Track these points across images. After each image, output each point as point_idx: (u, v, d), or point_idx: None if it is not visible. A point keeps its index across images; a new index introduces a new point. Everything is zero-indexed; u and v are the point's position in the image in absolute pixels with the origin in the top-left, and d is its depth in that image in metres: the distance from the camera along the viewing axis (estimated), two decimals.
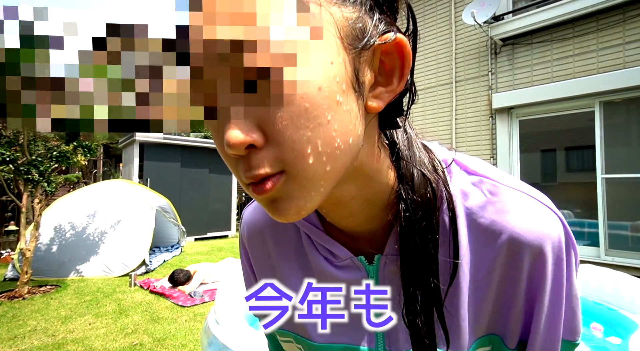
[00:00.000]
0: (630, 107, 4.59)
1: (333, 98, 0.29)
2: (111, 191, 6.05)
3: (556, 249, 0.37)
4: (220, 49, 0.26)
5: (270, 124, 0.28)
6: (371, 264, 0.42)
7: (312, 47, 0.27)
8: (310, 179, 0.30)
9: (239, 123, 0.28)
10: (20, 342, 2.97)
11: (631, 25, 4.54)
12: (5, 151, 4.01)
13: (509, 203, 0.38)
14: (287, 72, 0.27)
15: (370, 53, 0.32)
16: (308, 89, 0.27)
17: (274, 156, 0.29)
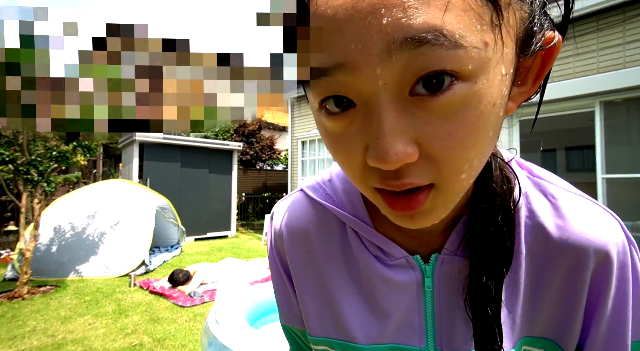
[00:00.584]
0: (631, 107, 4.59)
1: (499, 113, 0.27)
2: (111, 191, 6.05)
3: (621, 254, 0.37)
4: (410, 34, 0.22)
5: (433, 139, 0.25)
6: (427, 264, 0.40)
7: (495, 61, 0.25)
8: (457, 193, 0.29)
9: (399, 135, 0.25)
10: (20, 342, 2.97)
11: (631, 25, 4.54)
12: (4, 151, 4.00)
13: (573, 209, 0.38)
14: (468, 86, 0.24)
15: (528, 57, 0.29)
16: (485, 106, 0.25)
17: (428, 169, 0.27)
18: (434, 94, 0.24)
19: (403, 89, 0.24)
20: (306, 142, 8.98)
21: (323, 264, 0.45)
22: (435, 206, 0.29)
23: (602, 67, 4.74)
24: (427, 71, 0.23)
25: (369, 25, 0.22)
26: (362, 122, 0.26)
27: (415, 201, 0.28)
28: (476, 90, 0.24)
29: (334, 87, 0.26)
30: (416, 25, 0.22)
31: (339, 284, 0.43)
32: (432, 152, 0.26)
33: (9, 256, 5.97)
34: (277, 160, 14.85)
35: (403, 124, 0.25)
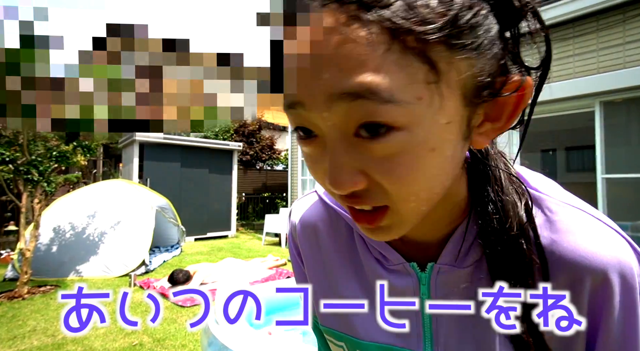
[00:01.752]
0: (630, 107, 4.59)
1: (444, 155, 0.29)
2: (111, 191, 6.05)
3: (627, 277, 0.34)
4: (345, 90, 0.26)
5: (377, 173, 0.29)
6: (423, 272, 0.42)
7: (432, 113, 0.27)
8: (411, 216, 0.32)
9: (346, 167, 0.29)
10: (20, 342, 2.97)
11: (631, 25, 4.54)
12: (5, 151, 4.00)
13: (571, 223, 0.36)
14: (403, 134, 0.27)
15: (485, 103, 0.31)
16: (421, 151, 0.28)
17: (379, 192, 0.30)
18: (373, 138, 0.27)
19: (348, 130, 0.28)
20: None
21: (331, 260, 0.48)
22: (392, 224, 0.32)
23: (602, 67, 4.74)
24: (365, 121, 0.27)
25: (313, 77, 0.27)
26: (322, 151, 0.30)
27: (372, 218, 0.32)
28: (412, 138, 0.27)
29: (299, 119, 0.30)
30: (352, 82, 0.25)
31: (344, 280, 0.47)
32: (379, 182, 0.29)
33: (9, 256, 5.97)
34: (277, 160, 14.85)
35: (350, 159, 0.29)
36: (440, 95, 0.27)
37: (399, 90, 0.25)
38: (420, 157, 0.28)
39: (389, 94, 0.25)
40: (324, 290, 0.48)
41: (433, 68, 0.26)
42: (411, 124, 0.27)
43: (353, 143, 0.28)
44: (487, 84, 0.29)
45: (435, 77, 0.26)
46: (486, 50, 0.28)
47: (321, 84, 0.26)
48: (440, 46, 0.26)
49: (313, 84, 0.27)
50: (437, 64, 0.26)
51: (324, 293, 0.48)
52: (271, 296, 2.27)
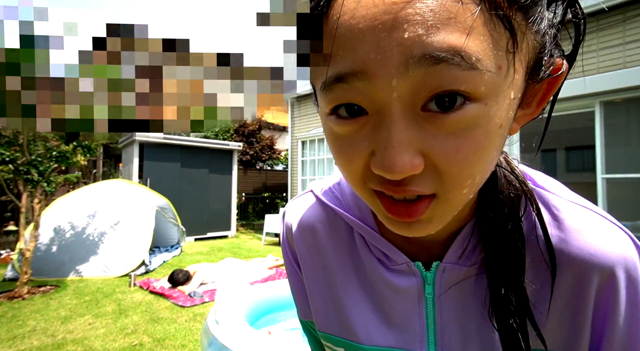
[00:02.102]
0: (630, 107, 4.59)
1: (504, 134, 0.28)
2: (111, 191, 6.05)
3: (631, 271, 0.35)
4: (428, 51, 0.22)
5: (440, 153, 0.26)
6: (428, 271, 0.41)
7: (506, 86, 0.25)
8: (457, 206, 0.30)
9: (407, 146, 0.25)
10: (20, 342, 2.97)
11: (631, 25, 4.54)
12: (5, 151, 4.00)
13: (578, 221, 0.37)
14: (479, 107, 0.25)
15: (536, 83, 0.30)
16: (492, 127, 0.26)
17: (431, 179, 0.27)
18: (445, 112, 0.25)
19: (415, 103, 0.25)
20: (306, 142, 8.98)
21: (330, 263, 0.46)
22: (433, 217, 0.30)
23: (602, 67, 4.74)
24: (442, 90, 0.24)
25: (390, 37, 0.23)
26: (372, 130, 0.27)
27: (415, 209, 0.29)
28: (486, 111, 0.25)
29: (349, 94, 0.26)
30: (436, 43, 0.22)
31: (345, 283, 0.45)
32: (437, 165, 0.26)
33: (9, 256, 5.97)
34: (277, 160, 14.85)
35: (412, 136, 0.25)
36: (514, 67, 0.25)
37: (485, 56, 0.23)
38: (490, 134, 0.26)
39: (476, 59, 0.23)
40: (323, 294, 0.46)
41: (513, 36, 0.24)
42: (488, 96, 0.25)
43: (417, 118, 0.25)
44: (543, 63, 0.28)
45: (514, 47, 0.25)
46: (547, 28, 0.28)
47: (398, 44, 0.23)
48: (520, 14, 0.25)
49: (386, 44, 0.23)
50: (517, 32, 0.25)
51: (323, 297, 0.46)
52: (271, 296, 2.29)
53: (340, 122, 0.28)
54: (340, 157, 0.30)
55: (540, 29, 0.27)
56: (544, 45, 0.28)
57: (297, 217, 0.49)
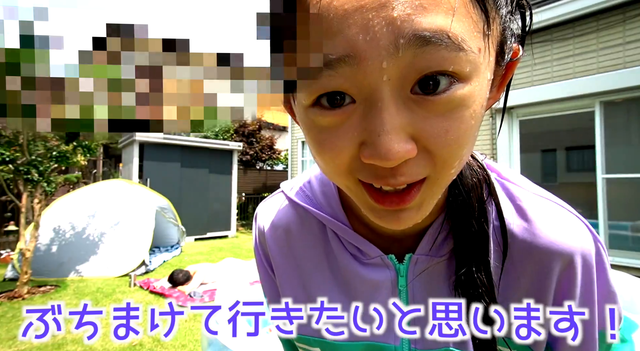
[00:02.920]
0: (630, 107, 4.59)
1: (482, 114, 0.28)
2: (111, 191, 6.05)
3: (587, 257, 0.38)
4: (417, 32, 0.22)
5: (430, 136, 0.26)
6: (401, 263, 0.42)
7: (484, 67, 0.26)
8: (443, 187, 0.30)
9: (400, 132, 0.25)
10: (20, 342, 2.97)
11: (631, 25, 4.54)
12: (5, 151, 4.00)
13: (540, 212, 0.39)
14: (465, 87, 0.25)
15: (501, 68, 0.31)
16: (477, 106, 0.26)
17: (423, 163, 0.27)
18: (434, 94, 0.25)
19: (405, 86, 0.25)
20: (306, 142, 8.98)
21: (304, 262, 0.46)
22: (423, 202, 0.30)
23: (602, 67, 4.74)
24: (431, 71, 0.24)
25: (379, 16, 0.22)
26: (361, 118, 0.26)
27: (407, 195, 0.28)
28: (471, 91, 0.25)
29: (335, 81, 0.25)
30: (425, 23, 0.22)
31: (319, 281, 0.45)
32: (428, 147, 0.26)
33: (9, 256, 5.97)
34: (277, 160, 14.84)
35: (403, 121, 0.25)
36: (488, 50, 0.26)
37: (468, 37, 0.24)
38: (476, 114, 0.26)
39: (461, 39, 0.23)
40: (296, 294, 0.46)
41: (487, 19, 0.25)
42: (472, 76, 0.25)
43: (407, 102, 0.25)
44: (505, 47, 0.30)
45: (488, 29, 0.26)
46: (509, 14, 0.29)
47: (387, 24, 0.22)
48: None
49: (375, 24, 0.22)
50: (489, 15, 0.25)
51: (296, 298, 0.45)
52: None
53: (323, 113, 0.27)
54: (323, 151, 0.29)
55: (503, 14, 0.28)
56: (505, 30, 0.29)
57: (269, 218, 0.49)
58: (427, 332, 0.40)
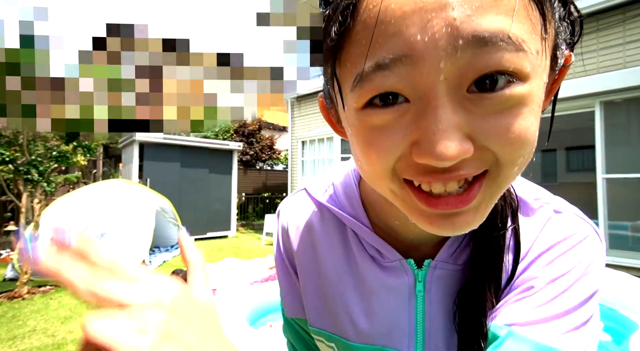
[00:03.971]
0: (630, 107, 4.59)
1: (540, 116, 0.28)
2: (111, 191, 6.05)
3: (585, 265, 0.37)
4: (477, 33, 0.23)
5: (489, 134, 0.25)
6: (420, 269, 0.41)
7: (541, 70, 0.26)
8: (503, 187, 0.29)
9: (456, 131, 0.25)
10: (20, 342, 2.97)
11: (631, 25, 4.54)
12: (4, 151, 4.00)
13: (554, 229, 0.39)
14: (524, 86, 0.25)
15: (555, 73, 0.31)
16: (535, 106, 0.26)
17: (483, 158, 0.27)
18: (491, 92, 0.25)
19: (462, 85, 0.25)
20: (306, 142, 8.98)
21: (325, 260, 0.46)
22: (481, 203, 0.29)
23: (602, 67, 4.74)
24: (489, 70, 0.24)
25: (438, 17, 0.23)
26: (414, 118, 0.26)
27: (467, 194, 0.28)
28: (530, 90, 0.25)
29: (389, 82, 0.25)
30: (485, 24, 0.22)
31: (338, 280, 0.45)
32: (488, 146, 0.26)
33: (9, 256, 5.97)
34: (277, 160, 14.85)
35: (460, 120, 0.25)
36: (545, 53, 0.26)
37: (527, 38, 0.24)
38: (535, 112, 0.26)
39: (522, 40, 0.23)
40: (317, 291, 0.46)
41: (545, 21, 0.25)
42: (532, 76, 0.25)
43: (463, 101, 0.25)
44: (558, 52, 0.29)
45: (545, 32, 0.25)
46: (563, 19, 0.29)
47: (446, 25, 0.23)
48: (548, 2, 0.25)
49: (434, 25, 0.23)
50: (546, 18, 0.25)
51: (317, 294, 0.46)
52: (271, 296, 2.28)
53: (376, 112, 0.27)
54: (371, 150, 0.29)
55: (557, 18, 0.28)
56: (558, 35, 0.29)
57: (293, 215, 0.50)
58: (442, 338, 0.41)
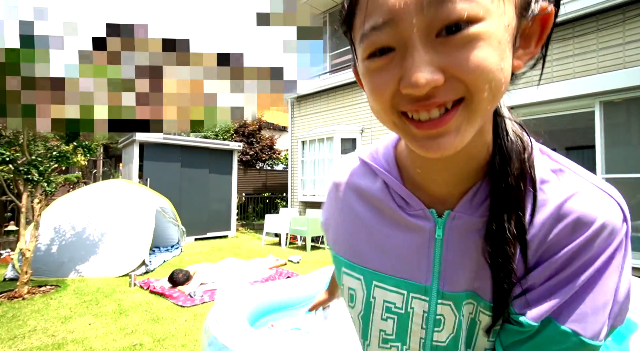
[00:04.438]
0: (630, 107, 4.59)
1: (504, 51, 0.35)
2: (111, 191, 6.04)
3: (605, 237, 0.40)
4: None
5: (455, 65, 0.33)
6: (440, 218, 0.48)
7: (499, 14, 0.34)
8: (479, 112, 0.36)
9: (427, 65, 0.33)
10: (20, 342, 2.97)
11: (631, 25, 4.54)
12: (5, 151, 4.00)
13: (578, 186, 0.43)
14: (479, 25, 0.33)
15: (527, 20, 0.38)
16: (492, 40, 0.33)
17: (454, 87, 0.34)
18: (454, 34, 0.33)
19: (430, 33, 0.33)
20: (306, 142, 8.98)
21: (362, 204, 0.56)
22: (460, 125, 0.36)
23: (602, 67, 4.74)
24: (450, 19, 0.32)
25: None
26: (399, 60, 0.35)
27: (444, 117, 0.35)
28: (484, 28, 0.33)
29: (381, 38, 0.35)
30: None
31: (372, 224, 0.54)
32: (456, 75, 0.34)
33: (9, 256, 5.97)
34: (277, 160, 14.83)
35: (431, 57, 0.33)
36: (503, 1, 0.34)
37: None
38: (492, 45, 0.33)
39: None
40: (352, 228, 0.57)
41: None
42: (485, 18, 0.33)
43: (433, 44, 0.34)
44: (530, 3, 0.37)
45: None
46: None
47: None
48: None
49: None
50: None
51: (351, 231, 0.56)
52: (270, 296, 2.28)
53: (374, 60, 0.37)
54: (373, 90, 0.38)
55: None
56: None
57: (343, 170, 0.61)
58: (455, 276, 0.47)
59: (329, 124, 8.62)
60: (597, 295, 0.40)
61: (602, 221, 0.40)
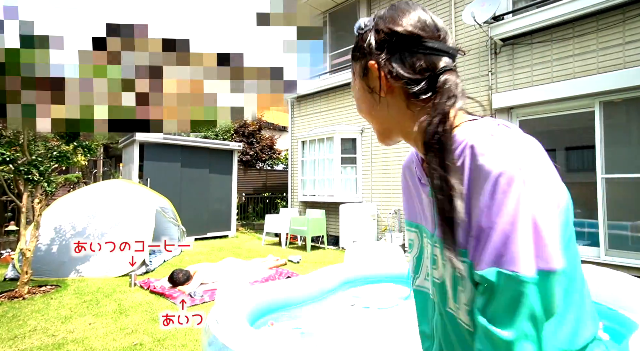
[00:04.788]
0: (630, 107, 4.59)
1: (375, 99, 0.63)
2: (111, 191, 6.05)
3: (502, 180, 0.47)
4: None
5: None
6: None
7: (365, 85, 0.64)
8: (378, 132, 0.69)
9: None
10: (20, 342, 2.97)
11: (631, 25, 4.54)
12: (5, 151, 4.00)
13: (491, 139, 0.52)
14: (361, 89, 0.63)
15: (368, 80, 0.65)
16: (366, 96, 0.64)
17: None
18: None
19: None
20: (306, 142, 8.98)
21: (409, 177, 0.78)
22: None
23: (602, 67, 4.73)
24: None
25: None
26: None
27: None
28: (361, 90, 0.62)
29: None
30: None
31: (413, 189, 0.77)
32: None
33: (10, 256, 5.97)
34: (277, 160, 14.83)
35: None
36: (355, 78, 0.62)
37: (357, 77, 0.65)
38: (366, 98, 0.66)
39: (360, 83, 0.65)
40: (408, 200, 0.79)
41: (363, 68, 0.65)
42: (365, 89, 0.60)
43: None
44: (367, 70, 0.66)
45: (363, 72, 0.65)
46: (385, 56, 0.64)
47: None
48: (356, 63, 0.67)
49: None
50: (364, 66, 0.66)
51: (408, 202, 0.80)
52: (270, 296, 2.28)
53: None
54: None
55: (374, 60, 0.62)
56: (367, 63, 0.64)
57: (409, 158, 0.81)
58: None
59: (329, 124, 8.62)
60: (503, 228, 0.47)
61: (498, 171, 0.47)
